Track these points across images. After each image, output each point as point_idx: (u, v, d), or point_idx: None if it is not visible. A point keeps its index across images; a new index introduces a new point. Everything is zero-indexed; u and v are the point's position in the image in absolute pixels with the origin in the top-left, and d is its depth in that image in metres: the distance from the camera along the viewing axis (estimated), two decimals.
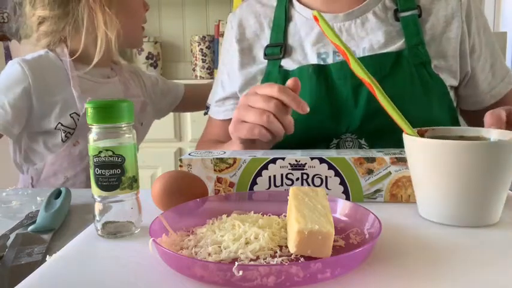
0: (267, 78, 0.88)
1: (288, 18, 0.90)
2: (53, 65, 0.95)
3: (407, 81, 0.79)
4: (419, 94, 0.79)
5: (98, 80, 1.00)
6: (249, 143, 0.73)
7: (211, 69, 2.21)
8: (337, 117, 0.81)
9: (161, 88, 1.16)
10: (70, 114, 0.94)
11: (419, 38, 0.81)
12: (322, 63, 0.84)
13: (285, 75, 0.85)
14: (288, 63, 0.87)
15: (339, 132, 0.81)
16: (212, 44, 2.20)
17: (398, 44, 0.82)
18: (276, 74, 0.86)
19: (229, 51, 0.95)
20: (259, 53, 0.91)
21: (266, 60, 0.89)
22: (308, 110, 0.66)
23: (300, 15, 0.90)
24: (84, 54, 0.97)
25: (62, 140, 0.95)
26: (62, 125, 0.94)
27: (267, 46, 0.89)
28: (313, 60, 0.85)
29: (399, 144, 0.59)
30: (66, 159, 0.95)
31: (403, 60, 0.80)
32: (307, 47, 0.87)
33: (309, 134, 0.80)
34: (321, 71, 0.82)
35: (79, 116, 0.94)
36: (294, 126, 0.69)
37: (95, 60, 0.96)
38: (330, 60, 0.84)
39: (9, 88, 0.92)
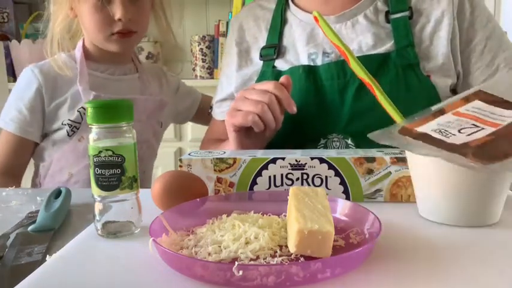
0: (261, 78, 0.90)
1: (284, 21, 0.92)
2: (64, 66, 0.97)
3: (393, 83, 0.78)
4: (404, 96, 0.77)
5: (108, 76, 1.01)
6: (243, 134, 0.76)
7: (211, 69, 2.21)
8: (324, 118, 0.82)
9: (181, 91, 1.16)
10: (78, 109, 0.96)
11: (408, 40, 0.81)
12: (312, 63, 0.85)
13: (277, 75, 0.86)
14: (281, 64, 0.89)
15: (326, 132, 0.82)
16: (212, 44, 2.20)
17: (387, 46, 0.82)
18: (269, 74, 0.88)
19: (229, 53, 0.97)
20: (256, 55, 0.93)
21: (262, 62, 0.91)
22: (296, 110, 0.72)
23: (295, 17, 0.91)
24: (95, 52, 1.00)
25: (67, 134, 0.96)
26: (69, 120, 0.96)
27: (263, 48, 0.91)
28: (304, 61, 0.86)
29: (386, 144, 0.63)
30: (71, 155, 0.96)
31: (390, 62, 0.80)
32: (299, 48, 0.88)
33: (297, 133, 0.81)
34: (310, 72, 0.83)
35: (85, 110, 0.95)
36: (284, 126, 0.75)
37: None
38: (319, 61, 0.85)
39: (23, 92, 0.97)
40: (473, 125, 0.46)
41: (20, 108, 0.96)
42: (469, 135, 0.45)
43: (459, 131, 0.46)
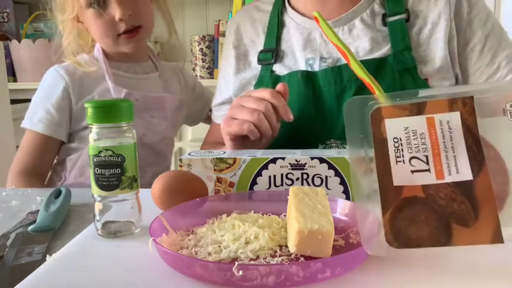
0: (260, 82, 0.89)
1: (281, 24, 0.92)
2: (87, 66, 0.98)
3: (390, 88, 0.77)
4: None
5: (132, 76, 1.01)
6: (239, 142, 0.76)
7: (211, 69, 2.21)
8: (322, 123, 0.82)
9: (196, 92, 1.16)
10: (84, 105, 0.95)
11: (405, 44, 0.80)
12: (309, 69, 0.85)
13: (275, 80, 0.86)
14: (279, 69, 0.88)
15: (324, 138, 0.82)
16: (212, 44, 2.20)
17: (384, 50, 0.81)
18: (267, 79, 0.88)
19: (226, 56, 0.97)
20: (254, 59, 0.92)
21: (260, 66, 0.91)
22: (292, 118, 0.72)
23: (292, 20, 0.91)
24: (112, 53, 1.00)
25: None
26: None
27: (261, 52, 0.91)
28: (302, 65, 0.86)
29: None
30: None
31: (387, 66, 0.80)
32: (297, 52, 0.88)
33: (295, 139, 0.81)
34: (308, 78, 0.83)
35: None
36: (282, 132, 0.75)
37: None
38: (316, 66, 0.85)
39: (49, 93, 0.97)
40: (426, 158, 0.42)
41: (47, 108, 0.96)
42: (412, 172, 0.42)
43: (410, 160, 0.42)
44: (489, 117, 0.42)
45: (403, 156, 0.42)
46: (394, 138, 0.43)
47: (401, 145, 0.42)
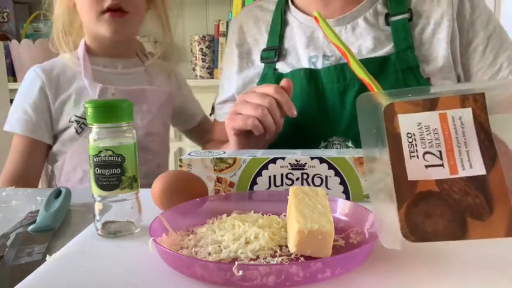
0: (263, 80, 0.90)
1: (284, 22, 0.92)
2: (66, 64, 0.98)
3: (393, 86, 0.78)
4: None
5: (111, 70, 1.00)
6: (243, 138, 0.76)
7: (211, 68, 2.21)
8: (325, 121, 0.82)
9: (187, 90, 1.16)
10: (84, 105, 0.95)
11: (408, 43, 0.81)
12: (312, 67, 0.85)
13: (278, 77, 0.86)
14: (282, 67, 0.89)
15: (326, 135, 0.82)
16: (212, 44, 2.20)
17: (386, 49, 0.82)
18: (270, 77, 0.88)
19: (229, 55, 0.98)
20: (257, 57, 0.93)
21: (263, 64, 0.91)
22: (296, 114, 0.72)
23: (295, 19, 0.91)
24: (96, 47, 1.00)
25: (76, 131, 0.95)
26: (76, 116, 0.95)
27: (263, 50, 0.92)
28: (305, 63, 0.87)
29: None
30: (83, 152, 0.94)
31: (390, 65, 0.80)
32: (300, 50, 0.88)
33: (298, 136, 0.81)
34: (311, 75, 0.83)
35: None
36: (285, 129, 0.75)
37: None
38: (319, 64, 0.85)
39: (27, 93, 0.97)
40: (439, 153, 0.42)
41: (25, 109, 0.95)
42: (426, 167, 0.42)
43: (424, 155, 0.42)
44: (500, 114, 0.43)
45: (417, 152, 0.42)
46: (408, 133, 0.43)
47: (415, 140, 0.43)
